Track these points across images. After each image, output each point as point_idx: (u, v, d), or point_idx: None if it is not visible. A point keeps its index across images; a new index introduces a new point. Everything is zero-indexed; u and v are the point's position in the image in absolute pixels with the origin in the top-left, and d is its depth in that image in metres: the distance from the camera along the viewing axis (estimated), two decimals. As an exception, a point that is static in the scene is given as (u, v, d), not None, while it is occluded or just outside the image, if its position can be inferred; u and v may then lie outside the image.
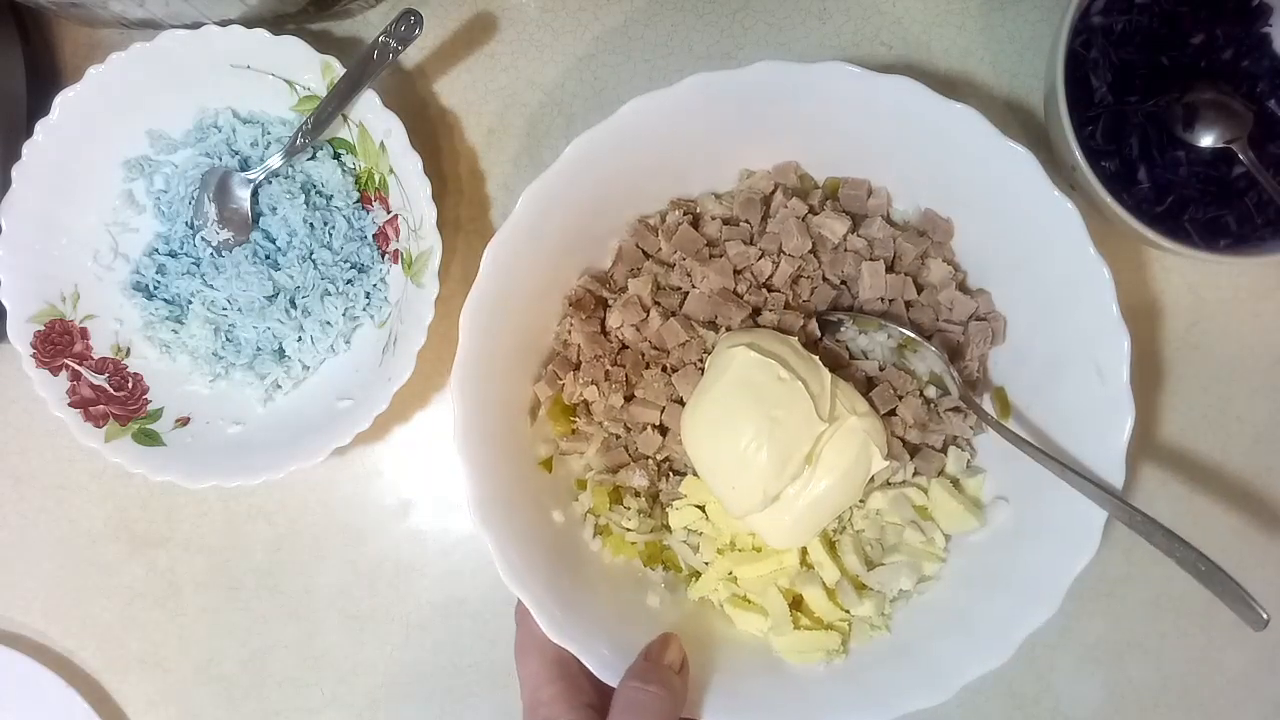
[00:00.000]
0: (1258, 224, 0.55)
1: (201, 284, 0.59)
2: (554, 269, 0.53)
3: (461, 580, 0.62)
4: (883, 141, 0.52)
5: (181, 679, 0.64)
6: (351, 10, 0.61)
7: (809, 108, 0.51)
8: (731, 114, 0.51)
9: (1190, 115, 0.54)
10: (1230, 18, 0.55)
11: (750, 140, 0.53)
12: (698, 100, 0.49)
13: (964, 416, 0.53)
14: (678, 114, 0.50)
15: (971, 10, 0.60)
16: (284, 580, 0.63)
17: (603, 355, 0.54)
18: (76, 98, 0.57)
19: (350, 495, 0.63)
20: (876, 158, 0.53)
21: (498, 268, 0.49)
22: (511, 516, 0.49)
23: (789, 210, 0.53)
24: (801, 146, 0.54)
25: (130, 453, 0.57)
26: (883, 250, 0.54)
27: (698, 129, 0.51)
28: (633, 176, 0.53)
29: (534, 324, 0.54)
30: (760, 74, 0.49)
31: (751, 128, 0.52)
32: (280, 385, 0.60)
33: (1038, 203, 0.48)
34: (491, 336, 0.50)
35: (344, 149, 0.60)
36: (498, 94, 0.61)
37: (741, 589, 0.53)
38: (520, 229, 0.49)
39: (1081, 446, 0.49)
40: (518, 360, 0.53)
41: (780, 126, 0.53)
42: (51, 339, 0.58)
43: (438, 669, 0.62)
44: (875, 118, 0.50)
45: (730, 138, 0.53)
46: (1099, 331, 0.48)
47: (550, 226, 0.50)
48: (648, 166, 0.53)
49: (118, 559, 0.64)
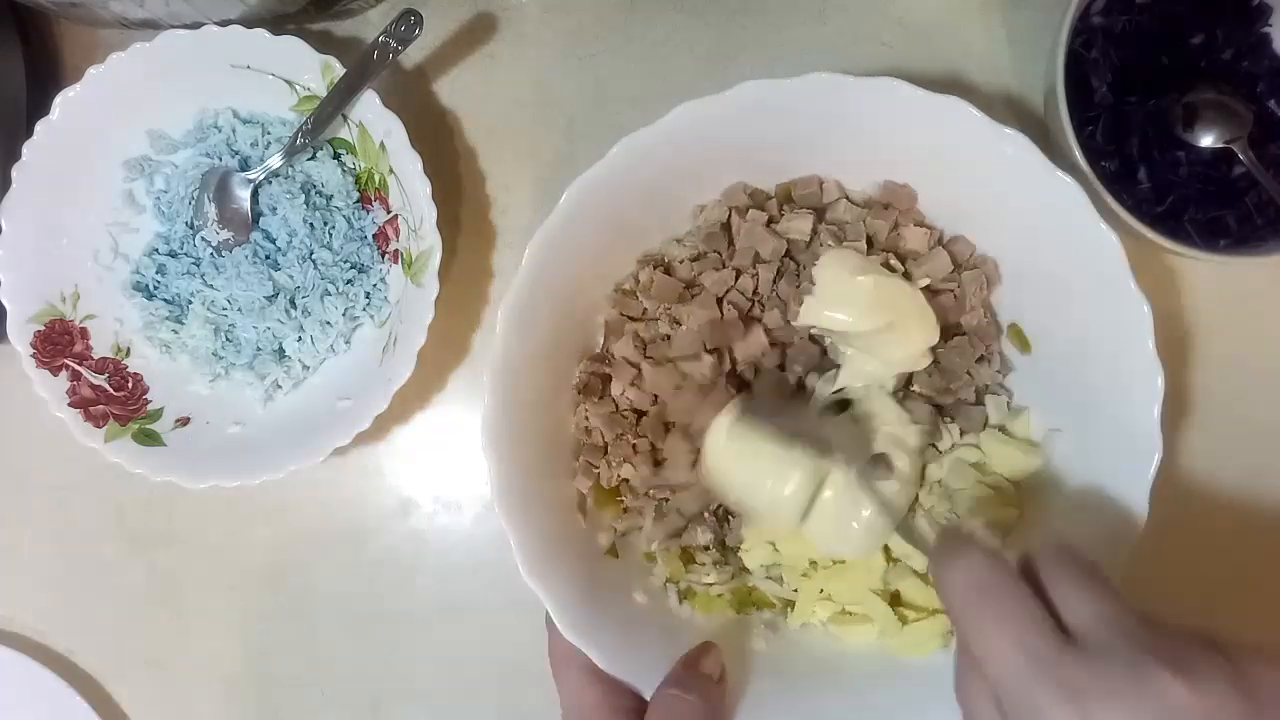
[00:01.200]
0: (1258, 224, 0.55)
1: (201, 284, 0.59)
2: (557, 356, 0.53)
3: (461, 580, 0.62)
4: (916, 165, 0.51)
5: (181, 679, 0.64)
6: (351, 10, 0.61)
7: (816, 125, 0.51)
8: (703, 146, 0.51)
9: (1190, 115, 0.54)
10: (1230, 18, 0.55)
11: (704, 175, 0.54)
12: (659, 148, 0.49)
13: (988, 363, 0.53)
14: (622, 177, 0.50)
15: (971, 10, 0.60)
16: (284, 580, 0.63)
17: (624, 431, 0.53)
18: (76, 98, 0.57)
19: (350, 495, 0.63)
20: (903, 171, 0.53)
21: (510, 339, 0.49)
22: (602, 623, 0.48)
23: (752, 221, 0.53)
24: (759, 164, 0.54)
25: (130, 453, 0.57)
26: (854, 233, 0.53)
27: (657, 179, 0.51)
28: (605, 241, 0.52)
29: (555, 422, 0.54)
30: (746, 93, 0.49)
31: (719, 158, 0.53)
32: (280, 385, 0.60)
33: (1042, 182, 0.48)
34: (521, 460, 0.49)
35: (344, 149, 0.60)
36: (498, 94, 0.61)
37: (839, 603, 0.53)
38: (526, 289, 0.49)
39: (1106, 360, 0.49)
40: (553, 464, 0.53)
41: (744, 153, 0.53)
42: (51, 339, 0.58)
43: (438, 669, 0.62)
44: (909, 143, 0.50)
45: (683, 176, 0.53)
46: (1097, 243, 0.48)
47: (546, 309, 0.50)
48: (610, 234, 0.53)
49: (118, 559, 0.64)
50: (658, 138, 0.49)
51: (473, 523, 0.62)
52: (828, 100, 0.49)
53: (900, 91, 0.48)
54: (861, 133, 0.51)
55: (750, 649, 0.52)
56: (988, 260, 0.53)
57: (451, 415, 0.62)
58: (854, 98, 0.49)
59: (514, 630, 0.61)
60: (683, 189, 0.54)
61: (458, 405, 0.62)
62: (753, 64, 0.60)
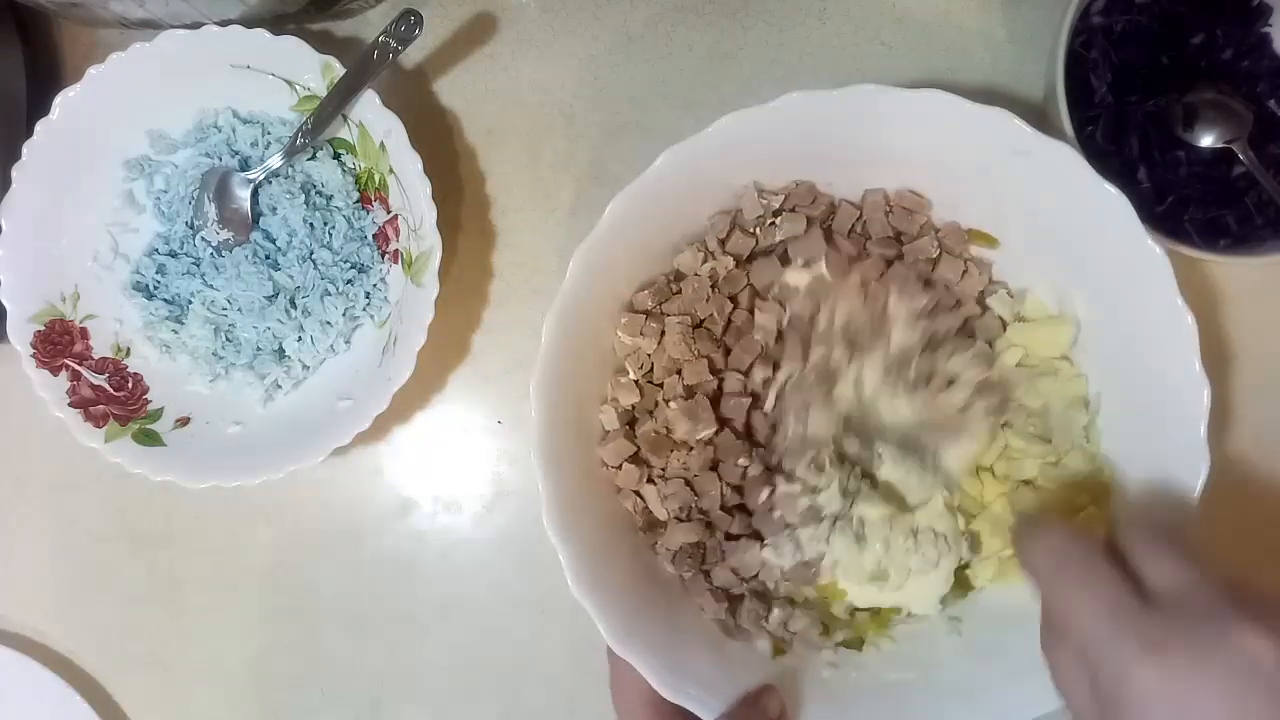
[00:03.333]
0: (1258, 224, 0.55)
1: (201, 284, 0.59)
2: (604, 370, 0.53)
3: (461, 580, 0.62)
4: (957, 172, 0.51)
5: (181, 679, 0.64)
6: (351, 10, 0.61)
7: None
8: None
9: (1190, 115, 0.54)
10: (1230, 18, 0.55)
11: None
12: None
13: (964, 268, 0.53)
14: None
15: (971, 10, 0.60)
16: (284, 580, 0.63)
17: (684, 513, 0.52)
18: (76, 98, 0.57)
19: (350, 495, 0.63)
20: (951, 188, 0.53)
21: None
22: (653, 641, 0.48)
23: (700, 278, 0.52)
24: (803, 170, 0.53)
25: (130, 453, 0.57)
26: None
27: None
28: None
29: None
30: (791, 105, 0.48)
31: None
32: (280, 385, 0.60)
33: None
34: (571, 475, 0.49)
35: (344, 149, 0.60)
36: (498, 94, 0.61)
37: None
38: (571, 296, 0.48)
39: (1153, 374, 0.48)
40: (601, 480, 0.53)
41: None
42: (51, 339, 0.58)
43: (438, 669, 0.62)
44: (960, 152, 0.50)
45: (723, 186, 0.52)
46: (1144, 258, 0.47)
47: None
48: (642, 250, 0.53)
49: (118, 559, 0.64)
50: (702, 146, 0.48)
51: (473, 523, 0.62)
52: (873, 111, 0.48)
53: (945, 103, 0.47)
54: (905, 144, 0.50)
55: (806, 689, 0.51)
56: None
57: (451, 415, 0.62)
58: (898, 109, 0.48)
59: (514, 630, 0.61)
60: (720, 200, 0.53)
61: (458, 405, 0.62)
62: (753, 64, 0.60)
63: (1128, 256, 0.47)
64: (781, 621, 0.52)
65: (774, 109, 0.48)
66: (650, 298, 0.52)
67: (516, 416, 0.62)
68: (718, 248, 0.53)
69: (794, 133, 0.50)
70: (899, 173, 0.53)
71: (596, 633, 0.60)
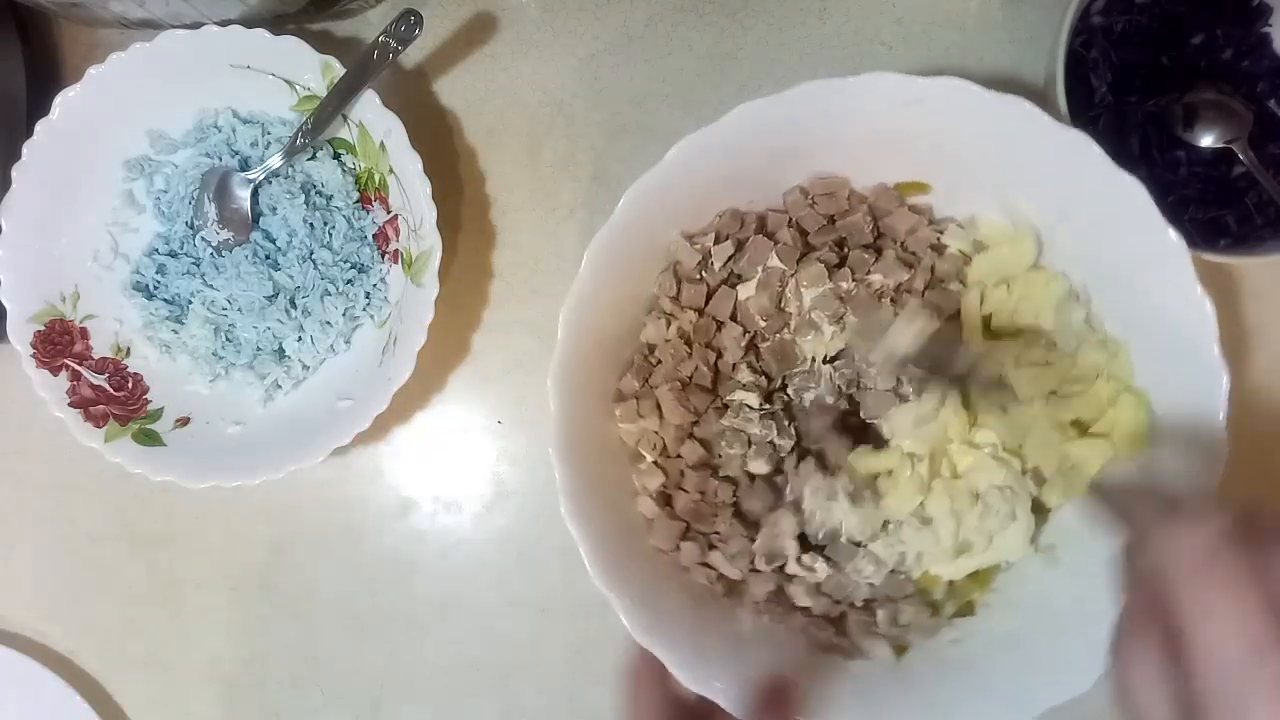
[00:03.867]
0: (1258, 224, 0.55)
1: (201, 284, 0.59)
2: (620, 363, 0.54)
3: (461, 580, 0.62)
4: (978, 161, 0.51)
5: (181, 679, 0.64)
6: (351, 10, 0.61)
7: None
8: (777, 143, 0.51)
9: (1190, 115, 0.54)
10: (1230, 18, 0.55)
11: (762, 178, 0.53)
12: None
13: (911, 223, 0.53)
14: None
15: (971, 10, 0.60)
16: (284, 580, 0.63)
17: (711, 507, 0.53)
18: (76, 98, 0.57)
19: (350, 495, 0.63)
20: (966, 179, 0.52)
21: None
22: (675, 630, 0.48)
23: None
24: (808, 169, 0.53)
25: (130, 453, 0.57)
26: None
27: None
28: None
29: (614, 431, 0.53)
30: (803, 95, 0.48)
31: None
32: (280, 385, 0.60)
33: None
34: (587, 464, 0.49)
35: (344, 149, 0.60)
36: (498, 94, 0.61)
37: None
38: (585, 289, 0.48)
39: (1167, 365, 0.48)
40: (618, 468, 0.53)
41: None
42: (51, 339, 0.58)
43: (438, 669, 0.62)
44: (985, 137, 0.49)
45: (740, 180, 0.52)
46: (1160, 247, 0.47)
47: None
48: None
49: (118, 559, 0.64)
50: (716, 138, 0.48)
51: (473, 523, 0.62)
52: (890, 100, 0.48)
53: (968, 92, 0.47)
54: (922, 134, 0.50)
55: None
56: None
57: (451, 415, 0.62)
58: (918, 98, 0.48)
59: (514, 630, 0.61)
60: (736, 192, 0.53)
61: (458, 405, 0.62)
62: (753, 64, 0.60)
63: (1144, 244, 0.47)
64: (890, 619, 0.51)
65: (789, 98, 0.47)
66: (635, 378, 0.53)
67: (516, 416, 0.62)
68: (674, 306, 0.53)
69: (811, 123, 0.49)
70: (913, 164, 0.52)
71: (596, 633, 0.61)
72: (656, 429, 0.52)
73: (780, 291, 0.52)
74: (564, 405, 0.48)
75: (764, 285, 0.52)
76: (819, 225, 0.53)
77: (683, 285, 0.53)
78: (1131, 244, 0.47)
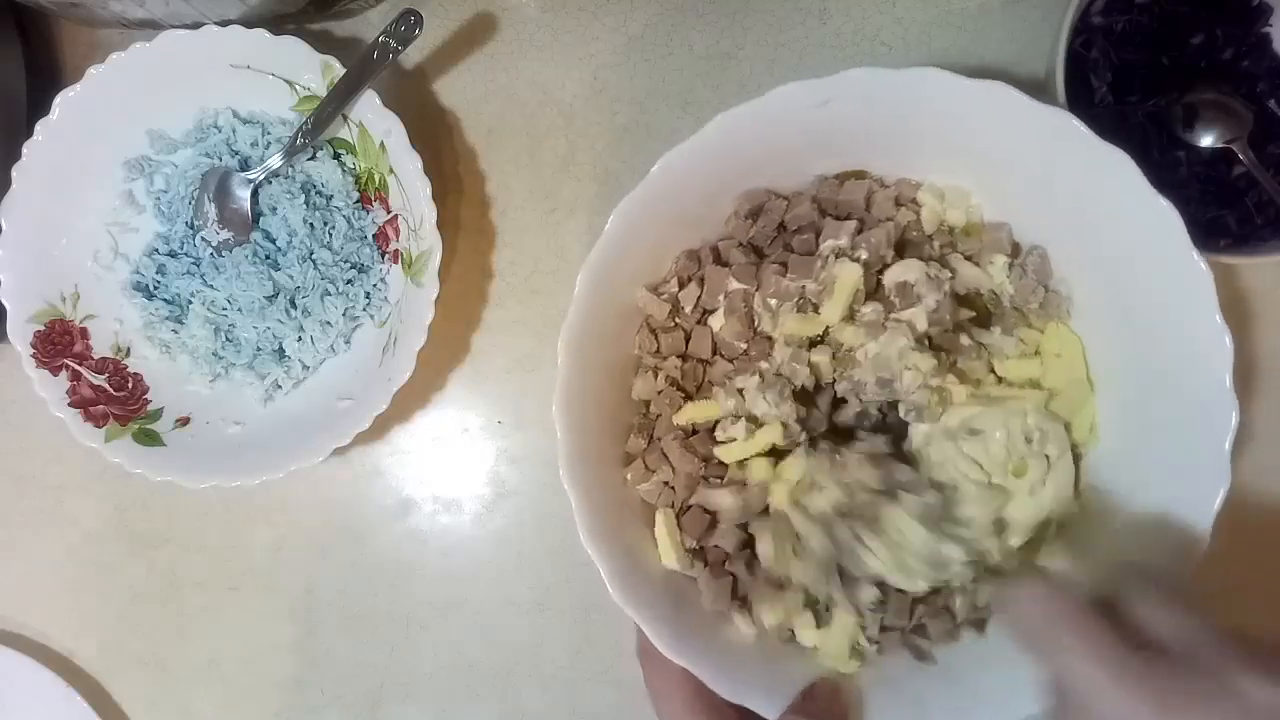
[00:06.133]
0: (1258, 224, 0.55)
1: (201, 284, 0.59)
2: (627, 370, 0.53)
3: (461, 580, 0.62)
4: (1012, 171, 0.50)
5: (181, 679, 0.64)
6: (351, 10, 0.61)
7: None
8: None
9: (1190, 115, 0.54)
10: (1230, 18, 0.55)
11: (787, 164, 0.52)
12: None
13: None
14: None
15: (971, 10, 0.60)
16: (284, 580, 0.63)
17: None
18: (76, 98, 0.57)
19: (350, 495, 0.63)
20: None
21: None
22: (701, 644, 0.48)
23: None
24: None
25: (130, 453, 0.57)
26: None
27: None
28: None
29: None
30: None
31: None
32: (280, 385, 0.60)
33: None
34: (600, 484, 0.49)
35: (344, 149, 0.60)
36: (498, 94, 0.61)
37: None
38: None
39: (1180, 388, 0.48)
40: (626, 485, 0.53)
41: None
42: (51, 339, 0.58)
43: (438, 669, 0.62)
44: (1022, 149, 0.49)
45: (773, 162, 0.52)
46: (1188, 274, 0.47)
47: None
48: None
49: (118, 559, 0.64)
50: (754, 115, 0.47)
51: (473, 523, 0.62)
52: (931, 99, 0.48)
53: (1009, 97, 0.47)
54: (956, 134, 0.50)
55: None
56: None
57: (451, 415, 0.62)
58: (959, 98, 0.47)
59: (514, 630, 0.61)
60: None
61: (458, 405, 0.62)
62: (753, 64, 0.60)
63: (1171, 271, 0.47)
64: (969, 604, 0.51)
65: (834, 82, 0.47)
66: (639, 437, 0.52)
67: (516, 416, 0.62)
68: (658, 359, 0.53)
69: (855, 112, 0.49)
70: (944, 167, 0.52)
71: (597, 633, 0.61)
72: (669, 480, 0.52)
73: (747, 311, 0.52)
74: (571, 429, 0.47)
75: (730, 310, 0.52)
76: (770, 238, 0.53)
77: (659, 336, 0.52)
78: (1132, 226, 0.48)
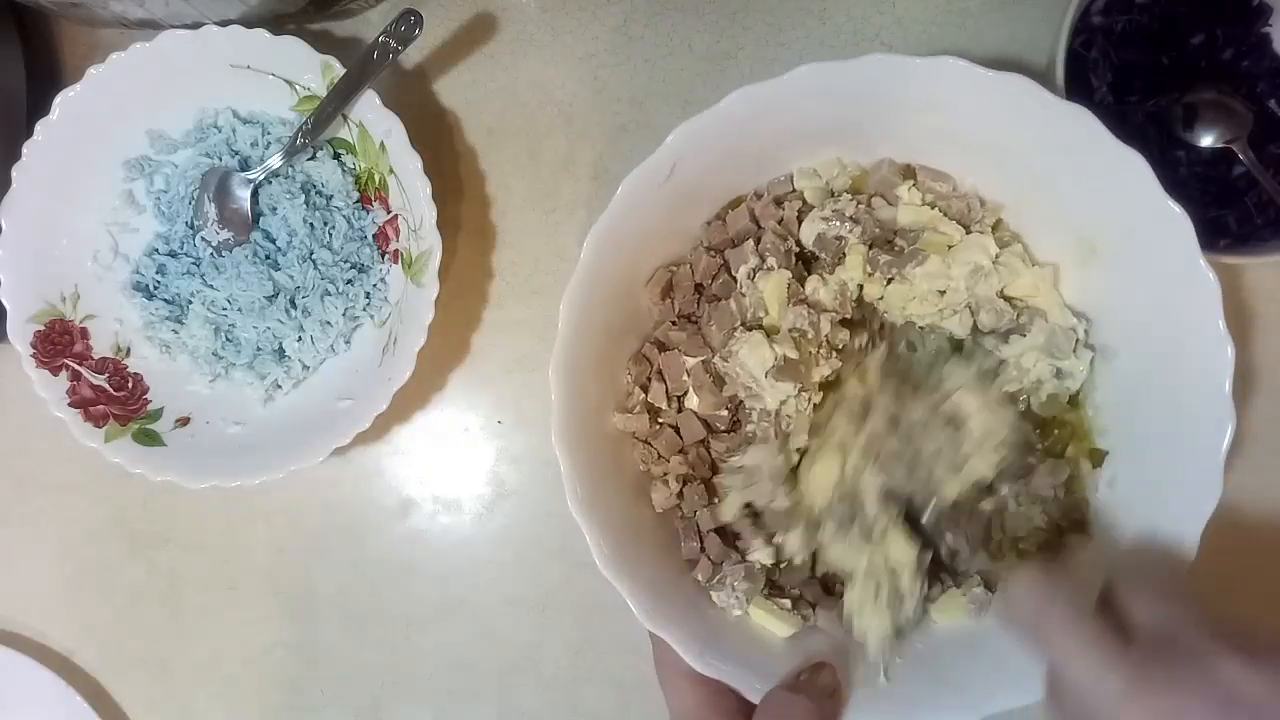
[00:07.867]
0: (1258, 224, 0.55)
1: (201, 284, 0.59)
2: (621, 354, 0.54)
3: (461, 580, 0.62)
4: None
5: (181, 679, 0.64)
6: (351, 10, 0.61)
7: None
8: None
9: (1190, 115, 0.54)
10: (1230, 18, 0.55)
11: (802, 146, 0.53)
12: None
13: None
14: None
15: (971, 10, 0.60)
16: (284, 580, 0.63)
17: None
18: (76, 98, 0.57)
19: (350, 495, 0.63)
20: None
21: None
22: (683, 616, 0.48)
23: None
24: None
25: (130, 453, 0.57)
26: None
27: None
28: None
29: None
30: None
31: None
32: (280, 385, 0.60)
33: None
34: (591, 456, 0.50)
35: (344, 149, 0.60)
36: (498, 94, 0.61)
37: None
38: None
39: (1177, 396, 0.48)
40: (622, 460, 0.53)
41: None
42: (51, 339, 0.58)
43: (438, 669, 0.62)
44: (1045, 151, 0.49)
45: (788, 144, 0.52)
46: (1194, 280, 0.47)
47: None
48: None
49: (118, 559, 0.64)
50: (775, 92, 0.48)
51: (472, 523, 0.62)
52: (951, 90, 0.48)
53: (1032, 93, 0.47)
54: (968, 123, 0.49)
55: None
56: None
57: (451, 415, 0.62)
58: (979, 91, 0.47)
59: (514, 630, 0.61)
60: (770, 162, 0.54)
61: (458, 405, 0.62)
62: (752, 63, 0.60)
63: (1177, 275, 0.47)
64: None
65: (858, 65, 0.47)
66: (689, 540, 0.52)
67: (516, 416, 0.62)
68: (662, 464, 0.53)
69: (877, 92, 0.49)
70: (958, 163, 0.52)
71: (596, 633, 0.61)
72: (679, 482, 0.53)
73: (715, 379, 0.52)
74: (566, 402, 0.48)
75: (698, 386, 0.52)
76: (694, 302, 0.53)
77: (653, 443, 0.53)
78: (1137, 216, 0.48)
